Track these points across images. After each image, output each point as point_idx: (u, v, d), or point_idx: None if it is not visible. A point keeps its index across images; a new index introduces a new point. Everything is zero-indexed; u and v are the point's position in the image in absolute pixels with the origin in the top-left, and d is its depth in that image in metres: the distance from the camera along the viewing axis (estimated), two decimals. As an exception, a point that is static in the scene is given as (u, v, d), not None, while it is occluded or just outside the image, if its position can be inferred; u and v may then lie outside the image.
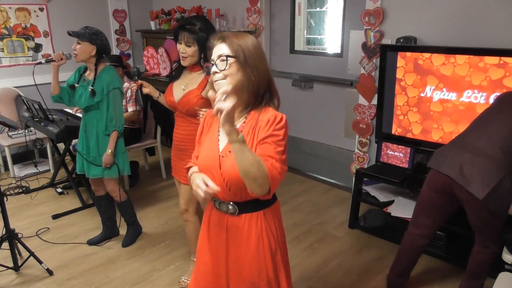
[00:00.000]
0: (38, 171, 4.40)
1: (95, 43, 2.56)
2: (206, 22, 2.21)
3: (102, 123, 2.66)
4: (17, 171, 4.33)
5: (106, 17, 5.02)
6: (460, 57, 2.69)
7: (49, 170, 4.41)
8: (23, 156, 4.51)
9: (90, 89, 2.58)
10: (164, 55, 4.45)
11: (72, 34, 2.55)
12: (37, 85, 2.73)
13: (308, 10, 4.21)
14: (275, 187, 1.32)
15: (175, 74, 2.34)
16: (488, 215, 2.11)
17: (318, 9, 4.26)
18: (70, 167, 3.93)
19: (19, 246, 2.74)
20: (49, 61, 2.68)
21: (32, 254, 2.70)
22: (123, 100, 3.84)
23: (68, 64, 2.78)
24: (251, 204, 1.42)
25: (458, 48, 2.72)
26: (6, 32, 4.30)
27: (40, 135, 4.08)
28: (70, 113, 3.89)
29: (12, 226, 2.66)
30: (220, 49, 1.37)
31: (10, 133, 4.12)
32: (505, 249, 2.31)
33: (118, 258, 2.91)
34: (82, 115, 2.80)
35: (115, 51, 5.11)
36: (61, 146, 4.22)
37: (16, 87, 4.40)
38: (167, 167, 4.05)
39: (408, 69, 2.97)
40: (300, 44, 4.22)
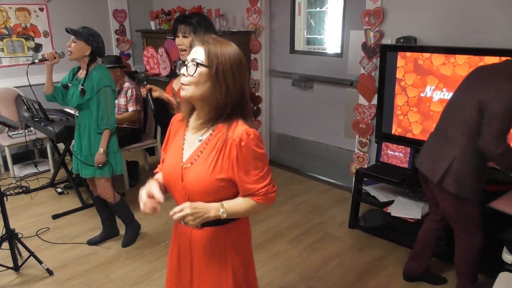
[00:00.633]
0: (38, 171, 4.40)
1: (90, 44, 2.55)
2: (204, 17, 2.25)
3: (93, 122, 2.64)
4: (17, 171, 4.33)
5: (106, 17, 5.02)
6: (460, 57, 2.69)
7: (49, 170, 4.41)
8: (23, 156, 4.51)
9: (80, 88, 2.57)
10: (164, 55, 4.45)
11: (70, 32, 2.54)
12: (31, 85, 2.71)
13: (308, 10, 4.21)
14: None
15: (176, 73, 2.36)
16: (453, 201, 2.15)
17: (318, 9, 4.26)
18: (70, 167, 3.90)
19: (19, 246, 2.74)
20: (42, 60, 2.66)
21: (32, 254, 2.70)
22: (122, 100, 3.86)
23: (64, 65, 2.76)
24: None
25: (458, 48, 2.72)
26: (6, 32, 4.30)
27: (40, 135, 4.09)
28: (70, 113, 3.88)
29: (12, 226, 2.66)
30: (197, 53, 1.28)
31: (10, 133, 4.12)
32: (505, 249, 2.30)
33: (118, 258, 2.91)
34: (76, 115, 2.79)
35: (115, 51, 5.11)
36: (61, 146, 4.21)
37: (16, 87, 4.40)
38: (167, 167, 4.04)
39: (408, 69, 2.97)
40: (300, 44, 4.22)
